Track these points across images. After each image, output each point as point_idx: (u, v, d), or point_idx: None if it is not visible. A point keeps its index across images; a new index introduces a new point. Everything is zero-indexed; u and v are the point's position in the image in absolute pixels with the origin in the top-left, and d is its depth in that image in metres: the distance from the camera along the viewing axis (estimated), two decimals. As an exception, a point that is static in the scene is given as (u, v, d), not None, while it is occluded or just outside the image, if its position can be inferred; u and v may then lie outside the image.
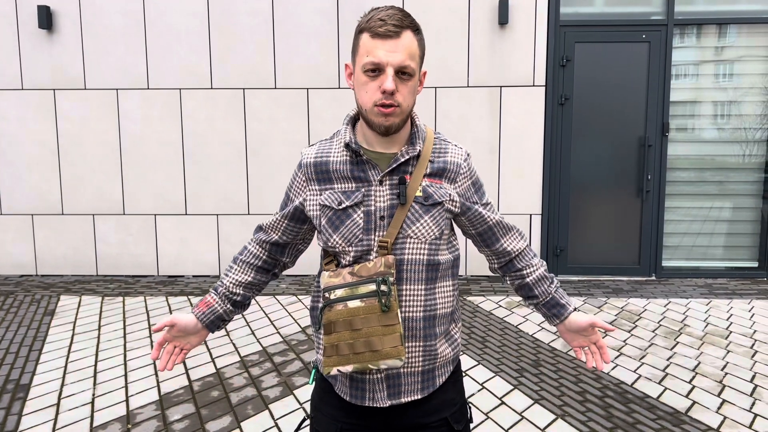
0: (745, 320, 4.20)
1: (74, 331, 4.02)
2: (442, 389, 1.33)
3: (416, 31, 1.21)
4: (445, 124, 5.19)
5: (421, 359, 1.29)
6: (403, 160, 1.26)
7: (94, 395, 3.06)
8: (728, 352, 3.63)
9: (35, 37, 5.19)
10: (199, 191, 5.34)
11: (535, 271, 1.41)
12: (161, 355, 1.37)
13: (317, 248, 4.18)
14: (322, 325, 1.25)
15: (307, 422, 2.64)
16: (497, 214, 1.40)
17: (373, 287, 1.21)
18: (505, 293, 4.84)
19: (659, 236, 5.28)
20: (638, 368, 3.38)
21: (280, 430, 2.71)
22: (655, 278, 5.31)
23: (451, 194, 1.29)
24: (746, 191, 5.32)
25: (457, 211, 1.31)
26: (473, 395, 3.04)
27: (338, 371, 1.22)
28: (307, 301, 4.68)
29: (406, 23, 1.19)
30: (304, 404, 2.95)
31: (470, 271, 5.38)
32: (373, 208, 1.25)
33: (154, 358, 1.34)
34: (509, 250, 1.40)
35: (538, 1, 5.04)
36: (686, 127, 5.29)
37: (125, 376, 3.29)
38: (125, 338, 3.87)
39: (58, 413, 2.88)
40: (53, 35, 5.19)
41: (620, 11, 5.15)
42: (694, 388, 3.14)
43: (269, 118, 5.25)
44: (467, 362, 3.45)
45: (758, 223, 5.34)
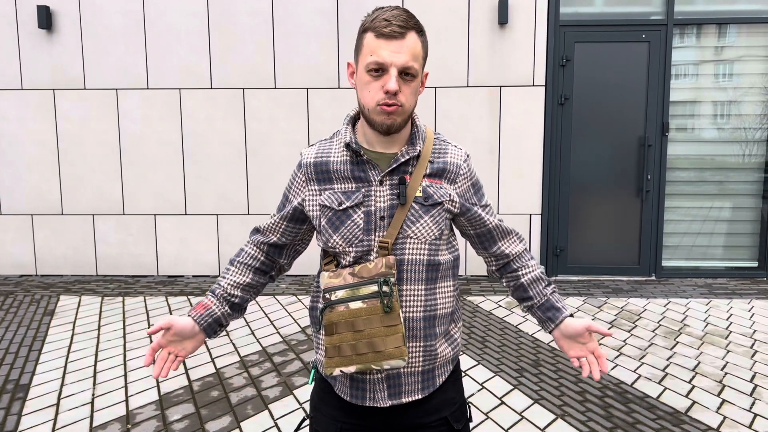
0: (744, 320, 4.20)
1: (74, 331, 4.02)
2: (441, 389, 1.34)
3: (420, 32, 1.22)
4: (444, 124, 5.19)
5: (421, 359, 1.29)
6: (403, 160, 1.26)
7: (93, 395, 3.06)
8: (728, 351, 3.63)
9: (35, 37, 5.19)
10: (198, 191, 5.34)
11: (531, 272, 1.39)
12: (156, 360, 1.30)
13: (317, 248, 4.17)
14: (323, 325, 1.24)
15: (306, 422, 2.64)
16: (496, 217, 1.40)
17: (374, 288, 1.21)
18: (505, 293, 4.84)
19: (659, 236, 5.29)
20: (638, 368, 3.38)
21: (279, 430, 2.71)
22: (655, 278, 5.32)
23: (451, 194, 1.29)
24: (746, 191, 5.32)
25: (456, 211, 1.31)
26: (473, 395, 3.04)
27: (341, 372, 1.22)
28: (306, 301, 4.68)
29: (410, 24, 1.19)
30: (303, 404, 2.95)
31: (470, 271, 5.38)
32: (373, 208, 1.25)
33: (147, 364, 1.27)
34: (507, 252, 1.40)
35: (537, 1, 5.04)
36: (686, 126, 5.29)
37: (125, 376, 3.29)
38: (125, 338, 3.87)
39: (57, 413, 2.88)
40: (53, 35, 5.19)
41: (620, 11, 5.15)
42: (693, 388, 3.14)
43: (269, 118, 5.25)
44: (467, 362, 3.45)
45: (758, 223, 5.34)
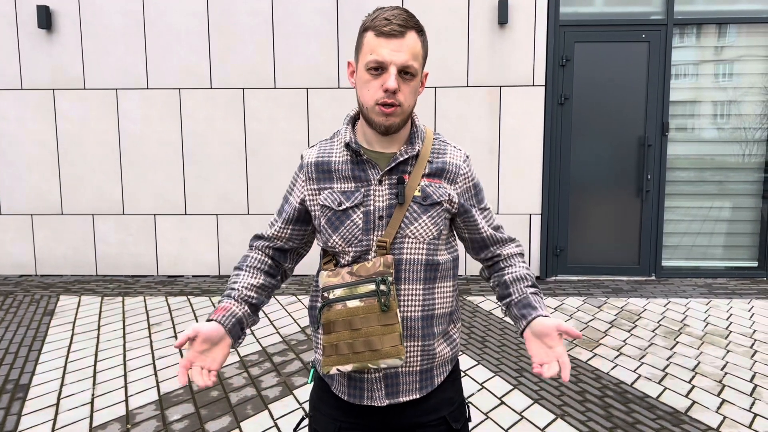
0: (744, 320, 4.20)
1: (74, 331, 4.02)
2: (440, 388, 1.33)
3: (420, 32, 1.23)
4: (444, 123, 5.19)
5: (419, 359, 1.29)
6: (401, 159, 1.26)
7: (93, 395, 3.06)
8: (728, 351, 3.63)
9: (35, 37, 5.19)
10: (198, 191, 5.34)
11: (516, 271, 1.34)
12: (191, 375, 1.21)
13: (317, 248, 4.17)
14: (321, 324, 1.25)
15: (305, 421, 2.64)
16: (494, 221, 1.38)
17: (372, 287, 1.21)
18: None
19: (659, 236, 5.28)
20: (638, 368, 3.38)
21: (279, 430, 2.71)
22: (654, 278, 5.31)
23: (450, 194, 1.29)
24: (746, 191, 5.32)
25: (455, 211, 1.31)
26: (473, 395, 3.04)
27: (337, 370, 1.22)
28: (306, 301, 4.68)
29: (410, 24, 1.20)
30: (303, 404, 2.95)
31: (470, 271, 5.38)
32: (372, 207, 1.26)
33: (183, 383, 1.16)
34: (498, 253, 1.38)
35: (537, 0, 5.04)
36: (686, 126, 5.28)
37: (125, 376, 3.29)
38: (125, 338, 3.87)
39: (57, 413, 2.87)
40: (53, 35, 5.19)
41: (620, 11, 5.15)
42: (693, 387, 3.14)
43: (269, 118, 5.25)
44: (467, 362, 3.45)
45: (758, 222, 5.34)
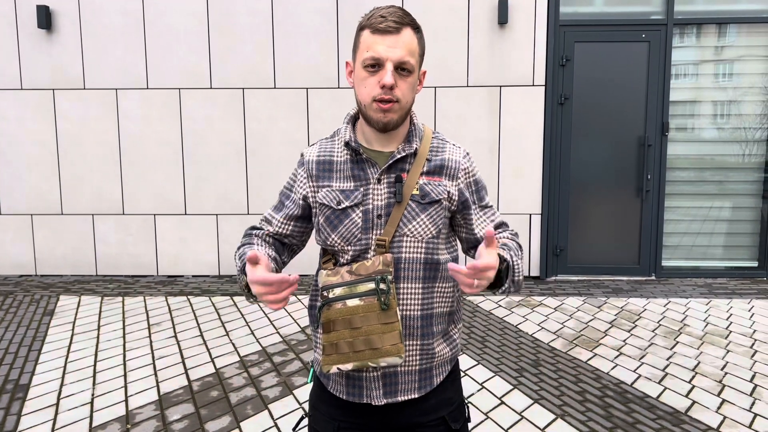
0: (744, 320, 4.20)
1: (73, 331, 4.02)
2: (439, 388, 1.33)
3: (416, 29, 1.23)
4: (444, 123, 5.19)
5: (418, 358, 1.28)
6: (399, 156, 1.26)
7: (93, 395, 3.06)
8: (728, 351, 3.63)
9: (34, 37, 5.19)
10: (198, 191, 5.34)
11: (503, 235, 1.33)
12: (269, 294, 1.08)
13: (316, 248, 4.17)
14: (320, 323, 1.24)
15: (305, 421, 2.64)
16: (497, 217, 1.37)
17: (371, 286, 1.21)
18: (504, 293, 4.83)
19: (659, 236, 5.28)
20: (638, 368, 3.38)
21: (279, 430, 2.71)
22: (654, 278, 5.31)
23: (450, 191, 1.28)
24: (746, 191, 5.32)
25: (454, 208, 1.31)
26: (473, 395, 3.04)
27: (338, 369, 1.22)
28: (306, 300, 4.68)
29: (406, 20, 1.21)
30: (303, 404, 2.95)
31: (470, 270, 5.37)
32: (371, 206, 1.26)
33: (286, 304, 1.07)
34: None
35: (537, 0, 5.04)
36: (686, 126, 5.28)
37: (125, 376, 3.29)
38: (125, 338, 3.87)
39: (57, 413, 2.87)
40: (52, 35, 5.19)
41: (620, 11, 5.15)
42: (693, 387, 3.13)
43: (268, 117, 5.25)
44: (467, 362, 3.45)
45: (758, 222, 5.33)
